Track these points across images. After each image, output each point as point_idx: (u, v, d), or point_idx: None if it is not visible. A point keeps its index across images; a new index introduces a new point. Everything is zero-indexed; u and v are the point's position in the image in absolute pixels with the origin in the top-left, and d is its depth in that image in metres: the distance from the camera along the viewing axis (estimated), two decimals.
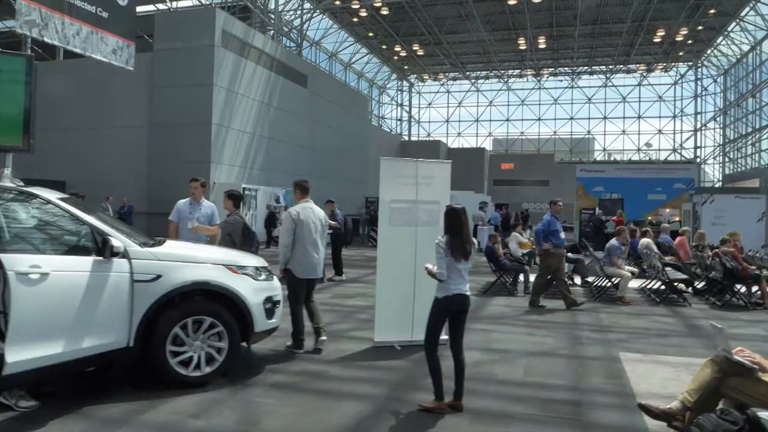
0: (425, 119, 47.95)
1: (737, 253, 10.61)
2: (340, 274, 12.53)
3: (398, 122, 47.93)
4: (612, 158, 42.84)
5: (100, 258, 4.72)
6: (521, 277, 11.50)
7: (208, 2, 29.82)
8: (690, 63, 41.15)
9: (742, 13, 30.95)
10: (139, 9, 31.33)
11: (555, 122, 44.30)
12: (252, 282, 5.45)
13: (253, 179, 23.19)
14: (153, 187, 21.14)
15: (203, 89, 20.97)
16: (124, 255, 4.83)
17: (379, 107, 46.71)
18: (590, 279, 12.27)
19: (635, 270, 11.34)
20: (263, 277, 5.64)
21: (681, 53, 38.50)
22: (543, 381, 5.64)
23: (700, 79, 41.74)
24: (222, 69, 21.46)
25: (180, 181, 16.18)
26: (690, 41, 35.82)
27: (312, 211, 6.50)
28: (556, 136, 44.30)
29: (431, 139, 46.03)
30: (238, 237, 7.16)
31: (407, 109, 48.24)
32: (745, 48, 33.96)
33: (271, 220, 20.33)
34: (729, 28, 33.35)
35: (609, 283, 11.16)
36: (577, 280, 12.53)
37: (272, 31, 28.33)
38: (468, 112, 46.39)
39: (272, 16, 28.72)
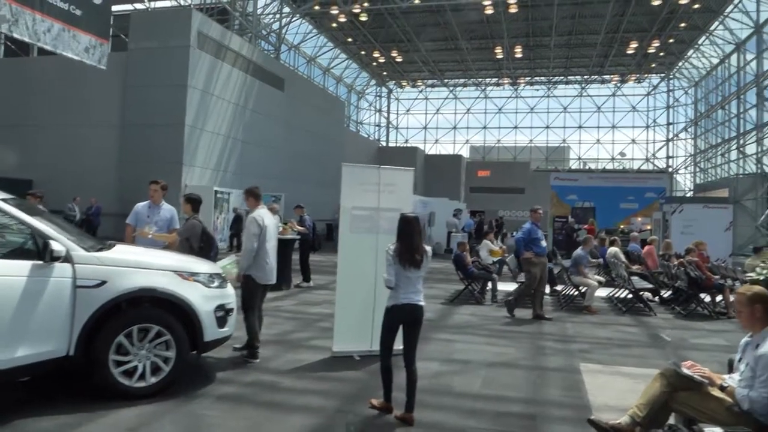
0: (403, 125, 48.10)
1: (701, 262, 10.70)
2: (307, 280, 12.36)
3: (376, 128, 47.94)
4: (587, 167, 43.28)
5: (41, 262, 4.54)
6: (490, 285, 11.45)
7: (187, 3, 29.53)
8: (662, 74, 41.83)
9: (712, 27, 31.53)
10: (117, 8, 31.19)
11: (531, 131, 44.74)
12: (203, 289, 5.29)
13: (226, 182, 22.91)
14: (124, 188, 20.69)
15: (177, 90, 20.65)
16: (67, 259, 4.64)
17: (357, 112, 46.68)
18: (558, 288, 12.26)
19: (602, 279, 11.38)
20: (216, 284, 5.49)
21: (653, 65, 39.14)
22: (500, 393, 5.57)
23: (672, 91, 42.47)
24: (197, 70, 21.19)
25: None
26: (662, 53, 36.41)
27: (271, 218, 6.42)
28: (533, 145, 44.64)
29: (408, 145, 46.03)
30: (197, 242, 6.97)
31: (385, 115, 48.27)
32: (715, 61, 34.60)
33: (238, 224, 19.92)
34: (699, 42, 33.96)
35: (576, 292, 11.16)
36: (546, 288, 12.51)
37: (250, 35, 28.10)
38: (446, 119, 46.64)
39: (251, 19, 28.49)
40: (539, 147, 44.67)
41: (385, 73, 43.83)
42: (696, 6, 28.60)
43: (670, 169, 41.67)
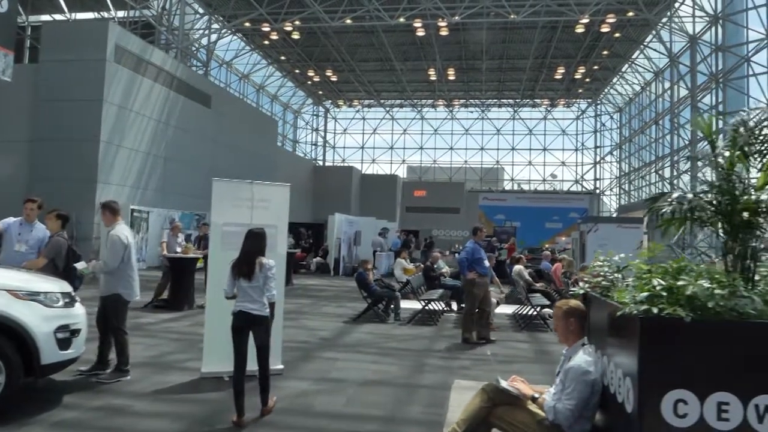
0: (340, 145, 48.13)
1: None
2: None
3: (313, 147, 47.79)
4: (520, 187, 44.31)
5: None
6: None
7: (111, 16, 28.82)
8: (590, 99, 43.52)
9: (633, 56, 33.12)
10: (35, 18, 30.09)
11: (466, 152, 45.54)
12: (42, 309, 5.01)
13: (146, 200, 22.22)
14: None
15: (92, 105, 19.94)
16: None
17: (294, 131, 46.44)
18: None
19: (502, 296, 11.53)
20: (61, 303, 5.20)
21: (581, 90, 40.69)
22: (361, 412, 5.48)
23: (599, 115, 44.22)
24: (114, 84, 20.54)
25: (64, 200, 15.23)
26: (588, 79, 37.93)
27: (132, 234, 6.21)
28: (467, 165, 45.44)
29: (344, 164, 46.06)
30: (62, 261, 6.65)
31: (322, 134, 48.21)
32: (637, 88, 36.30)
33: None
34: (622, 69, 35.57)
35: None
36: (454, 305, 12.61)
37: (176, 50, 27.61)
38: (383, 139, 46.98)
39: (177, 34, 28.01)
40: (474, 168, 45.51)
41: (320, 92, 43.86)
42: (617, 35, 30.00)
43: (597, 191, 43.19)
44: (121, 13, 28.95)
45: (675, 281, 2.98)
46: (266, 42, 33.18)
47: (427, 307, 11.20)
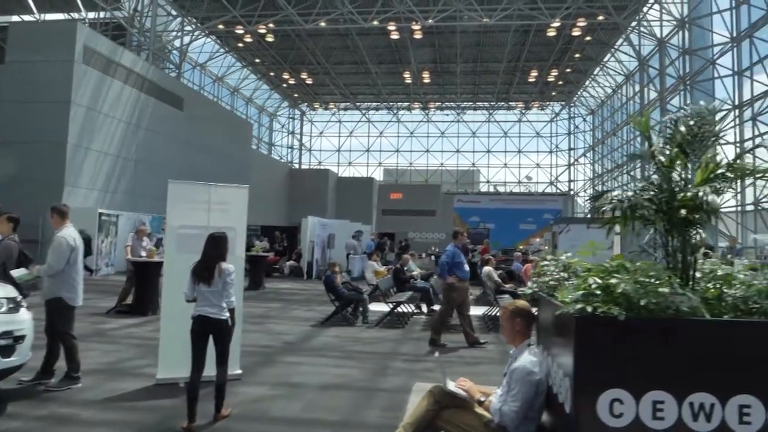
0: (317, 148, 47.93)
1: None
2: None
3: (289, 150, 47.52)
4: (495, 189, 44.54)
5: None
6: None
7: (80, 18, 28.35)
8: (563, 102, 43.95)
9: (605, 59, 33.53)
10: (4, 19, 29.48)
11: (442, 154, 45.64)
12: None
13: (115, 204, 21.84)
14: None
15: (59, 106, 19.57)
16: None
17: (270, 134, 46.11)
18: (436, 307, 12.32)
19: (472, 298, 11.50)
20: (4, 308, 5.06)
21: (554, 93, 41.09)
22: (317, 417, 5.40)
23: (573, 118, 44.69)
24: (82, 86, 20.19)
25: (30, 204, 14.90)
26: (561, 82, 38.32)
27: (79, 237, 6.05)
28: (443, 168, 45.56)
29: (320, 167, 45.88)
30: (12, 265, 6.46)
31: (298, 136, 47.97)
32: (609, 91, 36.75)
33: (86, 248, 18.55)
34: (594, 72, 35.99)
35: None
36: (424, 308, 12.57)
37: (148, 51, 27.25)
38: (359, 141, 46.88)
39: (149, 35, 27.65)
40: (450, 170, 45.65)
41: (296, 94, 43.66)
42: (588, 39, 30.35)
43: (571, 192, 43.60)
44: (92, 15, 28.52)
45: (609, 280, 2.95)
46: (240, 44, 32.94)
47: (396, 310, 11.14)
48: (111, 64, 21.87)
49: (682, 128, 3.40)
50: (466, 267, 9.53)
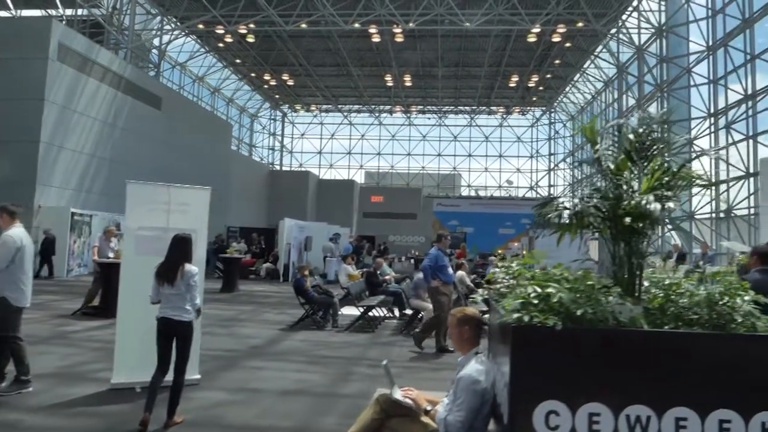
0: (298, 149, 47.68)
1: None
2: None
3: (270, 151, 47.23)
4: (477, 194, 44.66)
5: None
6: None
7: (58, 16, 27.94)
8: (544, 108, 44.24)
9: (585, 65, 33.82)
10: None
11: (424, 158, 45.66)
12: None
13: (90, 204, 21.51)
14: None
15: (32, 104, 19.23)
16: None
17: (251, 135, 45.80)
18: (408, 311, 12.25)
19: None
20: None
21: (535, 98, 41.32)
22: (271, 423, 5.30)
23: (553, 123, 44.97)
24: (57, 84, 19.86)
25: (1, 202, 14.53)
26: (542, 88, 38.56)
27: (28, 237, 5.89)
28: (425, 172, 45.58)
29: (301, 169, 45.68)
30: None
31: (279, 138, 47.71)
32: (589, 97, 37.06)
33: (50, 249, 18.12)
34: (574, 78, 36.27)
35: (421, 315, 11.16)
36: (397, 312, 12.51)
37: (126, 50, 26.92)
38: (341, 144, 46.73)
39: (127, 34, 27.31)
40: (431, 174, 45.69)
41: (277, 96, 43.42)
42: (568, 45, 30.56)
43: (551, 197, 43.76)
44: (69, 12, 28.11)
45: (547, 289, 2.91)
46: (221, 44, 32.65)
47: (368, 314, 11.06)
48: (87, 62, 21.56)
49: (631, 135, 3.37)
50: (450, 270, 9.50)
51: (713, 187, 21.23)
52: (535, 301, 2.87)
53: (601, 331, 2.78)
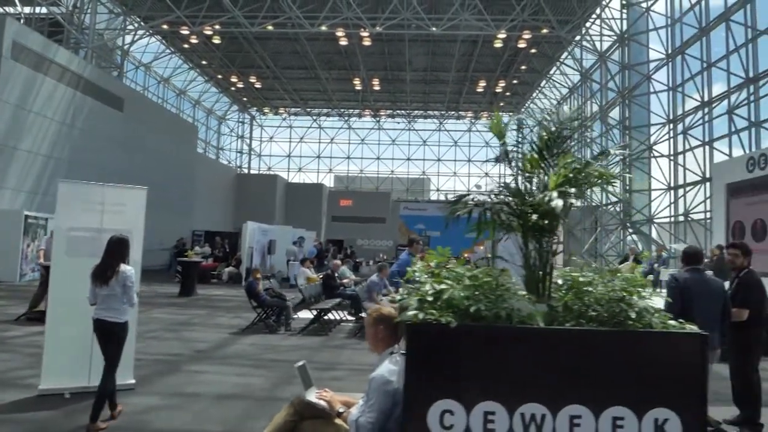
0: (266, 153, 47.30)
1: None
2: None
3: (238, 154, 46.76)
4: (446, 198, 44.79)
5: None
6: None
7: (15, 13, 27.25)
8: (511, 113, 44.66)
9: (551, 72, 34.24)
10: None
11: (393, 162, 45.74)
12: None
13: (46, 207, 20.89)
14: None
15: None
16: None
17: (218, 138, 45.27)
18: (363, 315, 12.18)
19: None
20: None
21: (502, 103, 41.67)
22: (201, 428, 5.19)
23: (521, 129, 45.34)
24: (10, 83, 19.32)
25: None
26: (509, 93, 38.92)
27: None
28: (394, 176, 45.65)
29: (269, 172, 45.32)
30: None
31: (247, 141, 47.29)
32: (555, 103, 37.51)
33: None
34: (541, 84, 36.71)
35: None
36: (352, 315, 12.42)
37: (86, 50, 26.38)
38: (310, 148, 46.52)
39: (88, 33, 26.77)
40: (401, 178, 45.78)
41: (245, 98, 43.04)
42: (534, 51, 30.90)
43: None
44: (27, 10, 27.45)
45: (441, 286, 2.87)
46: (186, 45, 32.22)
47: (323, 317, 10.97)
48: (43, 60, 21.04)
49: (543, 133, 3.37)
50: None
51: (671, 191, 21.69)
52: (430, 299, 2.83)
53: (494, 329, 2.74)
